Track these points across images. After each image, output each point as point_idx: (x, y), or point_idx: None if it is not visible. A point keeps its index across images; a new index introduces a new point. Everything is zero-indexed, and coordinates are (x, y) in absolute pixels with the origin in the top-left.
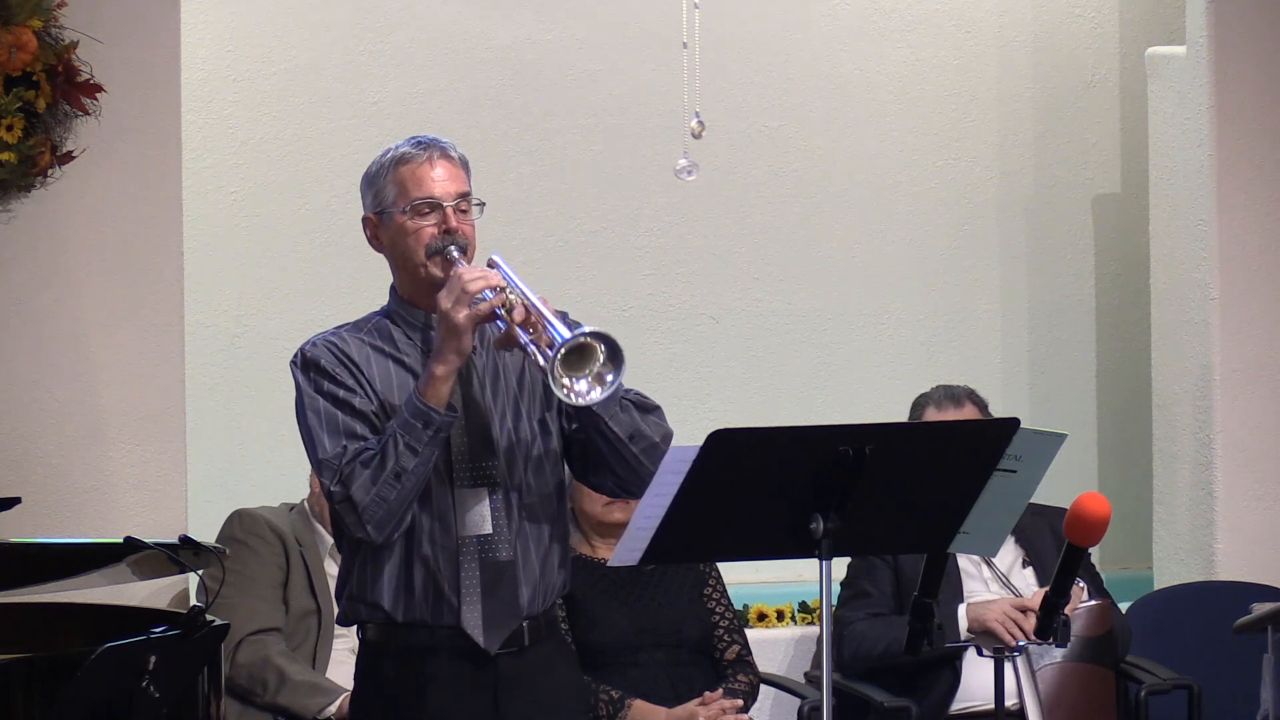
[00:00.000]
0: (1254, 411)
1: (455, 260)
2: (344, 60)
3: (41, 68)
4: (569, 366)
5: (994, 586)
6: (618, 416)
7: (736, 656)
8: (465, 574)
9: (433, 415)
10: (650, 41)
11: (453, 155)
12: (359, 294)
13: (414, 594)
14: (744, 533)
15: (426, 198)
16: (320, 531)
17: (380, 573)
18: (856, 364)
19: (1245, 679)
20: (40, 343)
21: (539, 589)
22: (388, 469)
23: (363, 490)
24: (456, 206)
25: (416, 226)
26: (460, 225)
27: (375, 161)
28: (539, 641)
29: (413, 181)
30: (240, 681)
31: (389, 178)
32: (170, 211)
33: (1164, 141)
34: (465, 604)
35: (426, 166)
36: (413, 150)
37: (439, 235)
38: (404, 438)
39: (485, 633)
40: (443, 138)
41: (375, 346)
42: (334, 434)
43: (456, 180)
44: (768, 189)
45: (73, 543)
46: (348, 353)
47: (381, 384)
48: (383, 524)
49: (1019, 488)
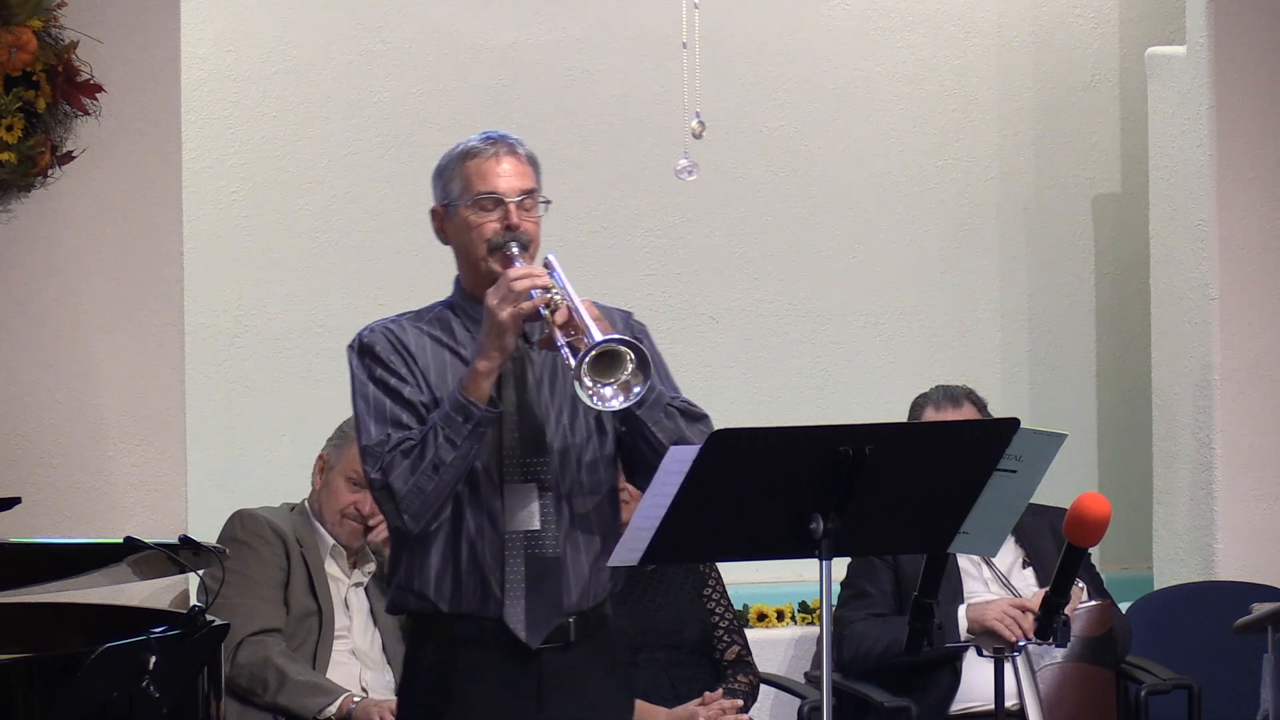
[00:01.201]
0: (1254, 411)
1: (514, 257)
2: (344, 60)
3: (41, 68)
4: (598, 371)
5: (994, 587)
6: (661, 422)
7: (736, 657)
8: (510, 569)
9: (473, 409)
10: (650, 41)
11: (520, 152)
12: (359, 294)
13: (460, 586)
14: (744, 533)
15: (490, 192)
16: (321, 532)
17: (428, 563)
18: (856, 364)
19: (1245, 679)
20: (40, 343)
21: (588, 587)
22: (426, 460)
23: (401, 479)
24: (520, 203)
25: (479, 221)
26: (522, 222)
27: (445, 154)
28: (586, 639)
29: (477, 176)
30: (240, 682)
31: (456, 171)
32: (170, 211)
33: (1164, 141)
34: (509, 599)
35: (493, 161)
36: (481, 145)
37: (501, 231)
38: (444, 430)
39: (528, 628)
40: (512, 134)
41: (433, 336)
42: (380, 421)
43: (522, 177)
44: (768, 189)
45: (73, 543)
46: (404, 341)
47: (435, 374)
48: (419, 514)
49: (1019, 488)
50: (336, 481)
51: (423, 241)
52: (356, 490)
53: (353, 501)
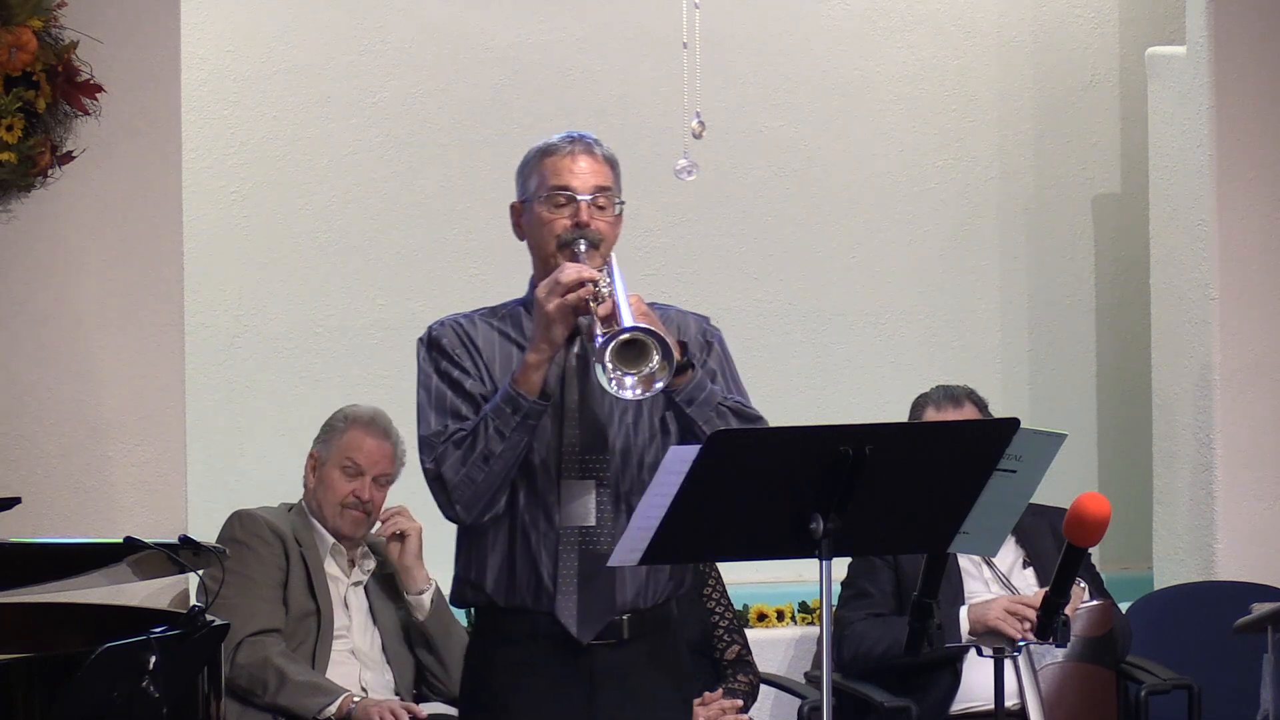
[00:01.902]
0: (1254, 411)
1: (580, 254)
2: (344, 60)
3: (41, 68)
4: (624, 360)
5: (994, 587)
6: (712, 420)
7: (736, 656)
8: (564, 564)
9: (521, 401)
10: (650, 41)
11: (598, 151)
12: (359, 294)
13: (516, 580)
14: (744, 533)
15: (563, 188)
16: (320, 531)
17: (485, 557)
18: (856, 364)
19: (1245, 679)
20: (40, 343)
21: (645, 586)
22: (477, 451)
23: (452, 470)
24: (593, 201)
25: (551, 217)
26: (593, 220)
27: (529, 150)
28: (642, 637)
29: (552, 172)
30: (240, 682)
31: (534, 167)
32: (170, 211)
33: (1164, 141)
34: (561, 593)
35: (569, 159)
36: (559, 142)
37: (571, 228)
38: (494, 421)
39: (579, 623)
40: (591, 134)
41: (503, 333)
42: (440, 413)
43: (597, 175)
44: (768, 189)
45: (73, 543)
46: (472, 336)
47: (500, 369)
48: (470, 504)
49: (1019, 488)
50: (331, 474)
51: (423, 241)
52: (353, 479)
53: (350, 490)
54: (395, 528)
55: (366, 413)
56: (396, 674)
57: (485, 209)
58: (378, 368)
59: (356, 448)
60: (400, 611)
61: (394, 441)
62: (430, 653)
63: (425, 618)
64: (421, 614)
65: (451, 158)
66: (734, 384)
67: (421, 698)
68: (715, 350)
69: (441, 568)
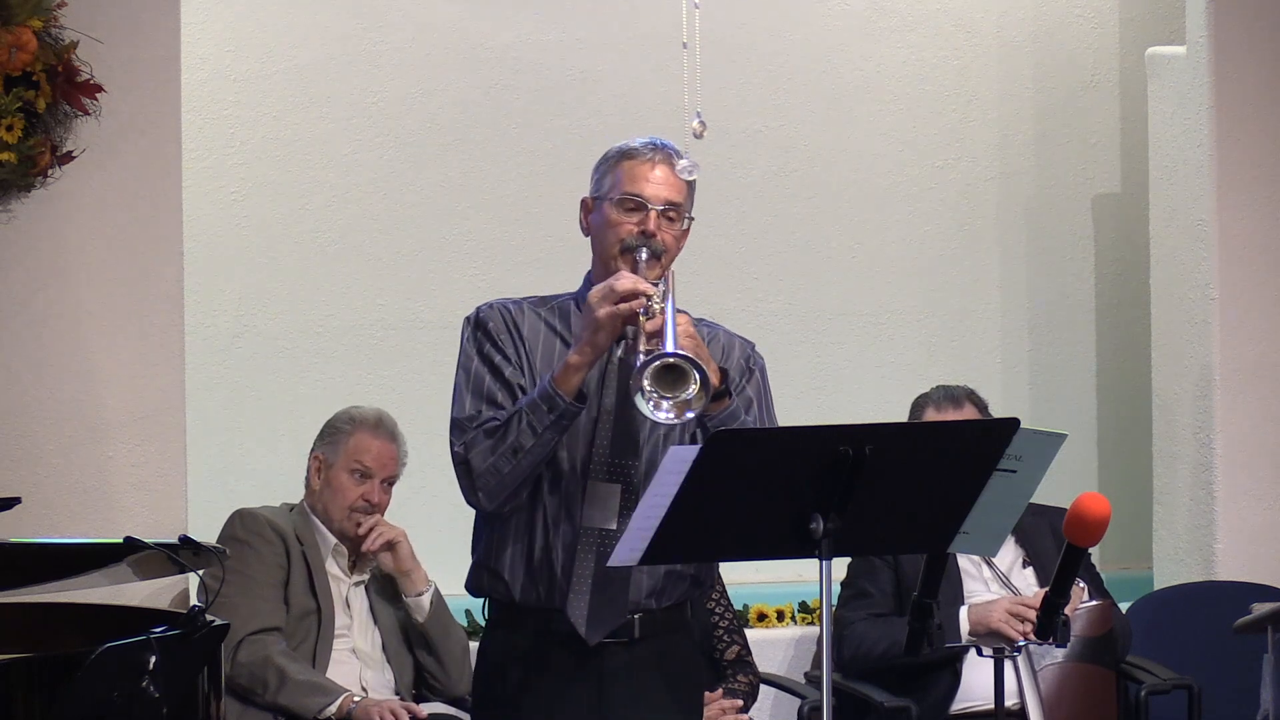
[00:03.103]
0: (1254, 411)
1: (641, 263)
2: (344, 60)
3: (41, 68)
4: (662, 382)
5: (994, 587)
6: None
7: (736, 656)
8: (580, 564)
9: (558, 400)
10: (650, 41)
11: (676, 165)
12: (359, 294)
13: (532, 574)
14: (744, 533)
15: (635, 194)
16: (321, 530)
17: (505, 546)
18: (856, 364)
19: (1245, 679)
20: (40, 343)
21: (660, 588)
22: (507, 443)
23: (480, 458)
24: (663, 212)
25: (619, 220)
26: (660, 231)
27: (611, 148)
28: (654, 636)
29: (628, 177)
30: (241, 681)
31: (612, 167)
32: (170, 211)
33: (1164, 141)
34: (574, 592)
35: (648, 166)
36: (642, 148)
37: (637, 234)
38: (529, 416)
39: (588, 625)
40: (674, 144)
41: (550, 324)
42: (476, 396)
43: (672, 189)
44: (768, 189)
45: (73, 543)
46: (518, 323)
47: (542, 359)
48: (494, 494)
49: (1019, 488)
50: (339, 477)
51: (423, 241)
52: (362, 482)
53: (360, 494)
54: (381, 539)
55: (372, 415)
56: (396, 674)
57: (485, 209)
58: (378, 368)
59: (364, 450)
60: (399, 612)
61: (399, 443)
62: (430, 654)
63: (425, 619)
64: (421, 615)
65: (451, 158)
66: (768, 414)
67: (421, 698)
68: (755, 379)
69: (441, 568)
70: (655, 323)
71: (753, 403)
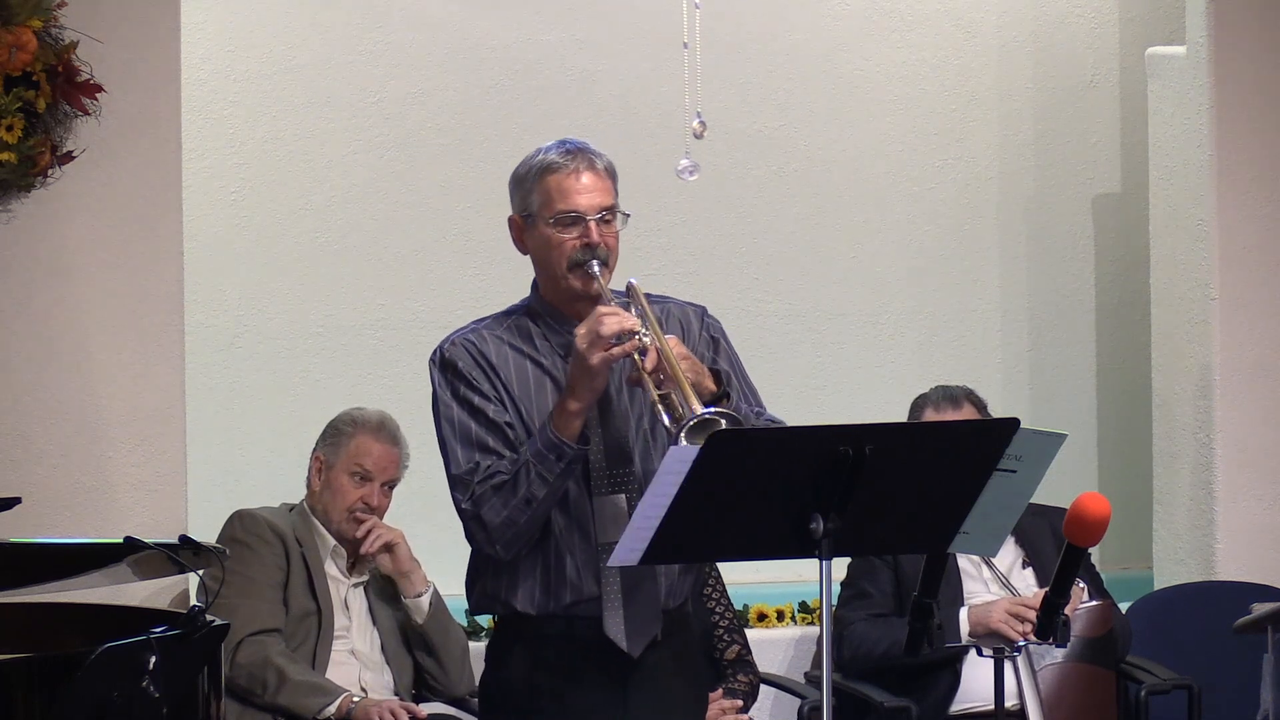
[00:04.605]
0: (1254, 411)
1: (595, 275)
2: (344, 60)
3: (41, 68)
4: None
5: (994, 587)
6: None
7: (736, 656)
8: (607, 581)
9: (565, 449)
10: (650, 41)
11: (599, 166)
12: (358, 294)
13: (551, 597)
14: (744, 533)
15: (570, 210)
16: (321, 531)
17: (516, 577)
18: (855, 364)
19: (1245, 679)
20: (40, 343)
21: (674, 587)
22: (519, 496)
23: (493, 513)
24: (600, 219)
25: (560, 239)
26: (603, 238)
27: (524, 163)
28: (672, 635)
29: (558, 193)
30: (240, 682)
31: (536, 185)
32: (170, 211)
33: (1164, 141)
34: (608, 610)
35: (573, 178)
36: (560, 159)
37: (580, 248)
38: (537, 467)
39: (629, 638)
40: (591, 145)
41: (514, 346)
42: (467, 447)
43: (602, 192)
44: (768, 189)
45: (73, 543)
46: (485, 354)
47: (519, 387)
48: (511, 544)
49: (1019, 488)
50: (339, 480)
51: (423, 241)
52: (362, 485)
53: (359, 497)
54: (379, 541)
55: (374, 417)
56: (396, 674)
57: (485, 209)
58: (378, 368)
59: (365, 453)
60: (398, 614)
61: (401, 446)
62: (429, 654)
63: (424, 620)
64: (420, 617)
65: (451, 158)
66: (743, 379)
67: (420, 699)
68: (723, 348)
69: (440, 569)
70: (652, 358)
71: (730, 374)
